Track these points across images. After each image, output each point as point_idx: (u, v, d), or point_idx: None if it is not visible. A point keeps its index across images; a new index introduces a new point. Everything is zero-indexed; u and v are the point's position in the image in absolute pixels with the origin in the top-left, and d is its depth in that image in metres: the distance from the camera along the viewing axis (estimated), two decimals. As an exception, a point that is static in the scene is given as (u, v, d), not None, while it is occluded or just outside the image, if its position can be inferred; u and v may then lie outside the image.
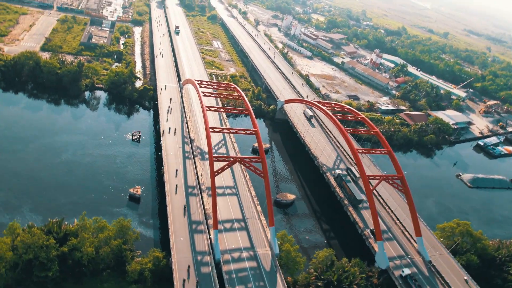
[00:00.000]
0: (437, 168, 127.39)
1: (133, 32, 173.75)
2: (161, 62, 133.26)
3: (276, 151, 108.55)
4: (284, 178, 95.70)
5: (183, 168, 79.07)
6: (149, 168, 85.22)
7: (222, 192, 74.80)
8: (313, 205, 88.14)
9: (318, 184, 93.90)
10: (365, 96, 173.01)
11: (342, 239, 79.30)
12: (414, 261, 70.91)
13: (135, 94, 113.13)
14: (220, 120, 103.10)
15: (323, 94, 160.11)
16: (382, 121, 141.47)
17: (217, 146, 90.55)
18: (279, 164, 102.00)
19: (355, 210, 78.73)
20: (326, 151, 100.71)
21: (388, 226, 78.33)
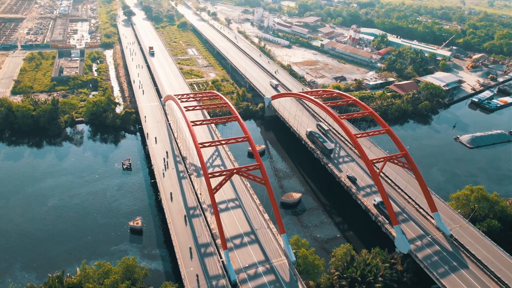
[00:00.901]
0: (436, 134, 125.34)
1: (104, 56, 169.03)
2: (138, 82, 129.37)
3: (272, 150, 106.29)
4: (286, 176, 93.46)
5: (180, 189, 75.96)
6: (146, 195, 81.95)
7: (225, 207, 71.82)
8: (321, 199, 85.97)
9: (322, 175, 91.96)
10: (351, 75, 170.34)
11: (357, 229, 77.09)
12: (435, 238, 68.61)
13: (118, 121, 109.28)
14: (209, 132, 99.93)
15: (308, 81, 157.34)
16: (373, 98, 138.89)
17: (211, 159, 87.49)
18: (278, 163, 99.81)
19: (354, 185, 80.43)
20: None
21: (401, 207, 75.95)
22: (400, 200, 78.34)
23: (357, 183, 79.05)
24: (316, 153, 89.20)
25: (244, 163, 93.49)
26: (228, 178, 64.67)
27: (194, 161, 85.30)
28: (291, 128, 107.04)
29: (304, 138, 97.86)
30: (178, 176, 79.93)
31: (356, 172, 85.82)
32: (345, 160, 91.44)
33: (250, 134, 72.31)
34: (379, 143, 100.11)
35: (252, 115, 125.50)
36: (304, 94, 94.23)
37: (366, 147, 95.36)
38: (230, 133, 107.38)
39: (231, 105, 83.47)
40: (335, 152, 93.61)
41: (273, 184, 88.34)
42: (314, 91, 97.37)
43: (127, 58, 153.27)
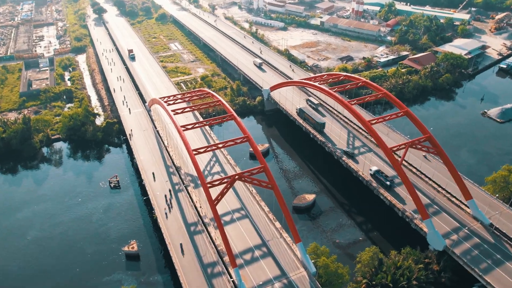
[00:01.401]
0: (462, 110, 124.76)
1: (77, 62, 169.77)
2: (117, 88, 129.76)
3: (278, 149, 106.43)
4: (296, 177, 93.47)
5: (177, 204, 76.00)
6: (139, 215, 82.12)
7: (230, 219, 71.77)
8: (337, 197, 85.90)
9: (336, 170, 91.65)
10: (359, 53, 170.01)
11: (382, 228, 76.75)
12: (472, 230, 68.15)
13: (99, 134, 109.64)
14: (204, 135, 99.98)
15: (311, 66, 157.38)
16: (386, 76, 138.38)
17: (208, 166, 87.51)
18: (285, 162, 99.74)
19: (352, 159, 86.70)
20: (335, 131, 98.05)
21: (431, 198, 75.58)
22: (429, 190, 77.96)
23: (380, 175, 79.57)
24: (309, 130, 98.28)
25: (246, 166, 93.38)
26: (229, 186, 64.54)
27: (190, 170, 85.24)
28: (296, 121, 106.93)
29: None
30: (174, 190, 79.94)
31: (376, 163, 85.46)
32: (361, 151, 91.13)
33: (250, 133, 72.16)
34: (398, 128, 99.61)
35: (250, 111, 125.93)
36: (306, 81, 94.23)
37: (384, 134, 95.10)
38: (227, 134, 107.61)
39: (225, 102, 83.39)
40: (350, 144, 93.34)
41: (282, 187, 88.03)
42: (317, 77, 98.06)
43: (102, 62, 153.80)
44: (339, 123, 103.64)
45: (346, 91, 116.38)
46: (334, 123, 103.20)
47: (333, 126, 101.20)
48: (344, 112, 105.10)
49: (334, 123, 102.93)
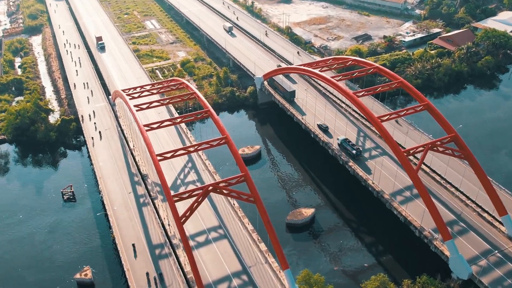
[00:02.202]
0: (504, 102, 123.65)
1: (30, 45, 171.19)
2: (76, 77, 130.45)
3: (272, 151, 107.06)
4: (293, 187, 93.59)
5: (141, 220, 76.25)
6: (96, 234, 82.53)
7: (205, 240, 71.82)
8: (343, 213, 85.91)
9: (342, 181, 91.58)
10: (379, 30, 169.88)
11: (394, 250, 76.35)
12: (507, 253, 67.33)
13: (53, 134, 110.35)
14: (178, 134, 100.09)
15: (318, 47, 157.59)
16: (411, 59, 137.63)
17: (182, 173, 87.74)
18: (281, 168, 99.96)
19: (326, 134, 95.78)
20: (341, 129, 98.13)
21: (456, 213, 74.96)
22: (454, 202, 77.31)
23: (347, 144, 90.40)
24: (278, 100, 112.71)
25: (230, 174, 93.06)
26: (201, 200, 64.47)
27: (158, 179, 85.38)
28: (294, 116, 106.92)
29: (314, 131, 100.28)
30: (137, 203, 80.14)
31: (389, 170, 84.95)
32: (372, 154, 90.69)
33: (239, 131, 72.39)
34: (425, 125, 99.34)
35: (240, 104, 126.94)
36: (305, 67, 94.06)
37: (403, 133, 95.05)
38: (211, 133, 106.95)
39: (200, 95, 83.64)
40: (360, 144, 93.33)
41: (275, 199, 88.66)
42: (320, 62, 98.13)
43: (60, 45, 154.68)
44: (347, 118, 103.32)
45: (356, 80, 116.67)
46: (340, 117, 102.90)
47: (339, 122, 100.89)
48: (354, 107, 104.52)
49: (340, 118, 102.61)
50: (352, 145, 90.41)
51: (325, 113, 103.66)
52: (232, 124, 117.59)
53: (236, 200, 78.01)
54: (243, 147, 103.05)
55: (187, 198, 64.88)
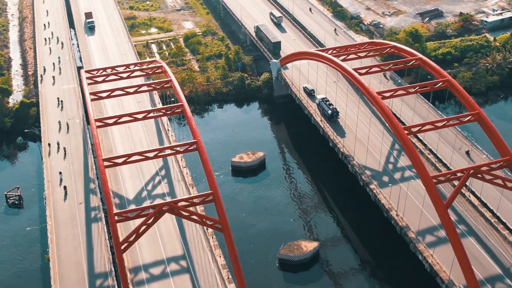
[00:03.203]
0: None
1: (5, 4, 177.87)
2: (45, 47, 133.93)
3: (281, 161, 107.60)
4: (297, 211, 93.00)
5: (87, 240, 77.18)
6: (33, 251, 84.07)
7: (161, 272, 71.67)
8: (356, 252, 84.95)
9: (361, 209, 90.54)
10: (455, 5, 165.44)
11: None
12: None
13: (8, 121, 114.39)
14: (158, 131, 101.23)
15: (368, 24, 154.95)
16: (489, 47, 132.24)
17: (151, 182, 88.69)
18: (287, 185, 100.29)
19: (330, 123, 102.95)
20: (373, 143, 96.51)
21: (505, 266, 71.27)
22: (505, 250, 73.67)
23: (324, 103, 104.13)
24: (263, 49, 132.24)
25: (227, 187, 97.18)
26: (152, 222, 64.53)
27: (121, 188, 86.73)
28: (312, 118, 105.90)
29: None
30: (87, 217, 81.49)
31: (420, 196, 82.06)
32: (400, 175, 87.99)
33: (243, 130, 74.65)
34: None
35: (251, 96, 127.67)
36: (322, 53, 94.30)
37: (453, 149, 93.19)
38: (205, 131, 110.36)
39: (176, 84, 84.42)
40: (390, 160, 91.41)
41: (269, 225, 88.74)
42: (352, 47, 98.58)
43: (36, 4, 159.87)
44: (383, 126, 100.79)
45: (400, 74, 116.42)
46: (375, 127, 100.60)
47: (372, 134, 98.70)
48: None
49: (375, 128, 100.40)
50: (329, 105, 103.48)
51: (357, 117, 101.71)
52: (234, 122, 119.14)
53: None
54: (241, 153, 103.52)
55: (133, 218, 65.24)
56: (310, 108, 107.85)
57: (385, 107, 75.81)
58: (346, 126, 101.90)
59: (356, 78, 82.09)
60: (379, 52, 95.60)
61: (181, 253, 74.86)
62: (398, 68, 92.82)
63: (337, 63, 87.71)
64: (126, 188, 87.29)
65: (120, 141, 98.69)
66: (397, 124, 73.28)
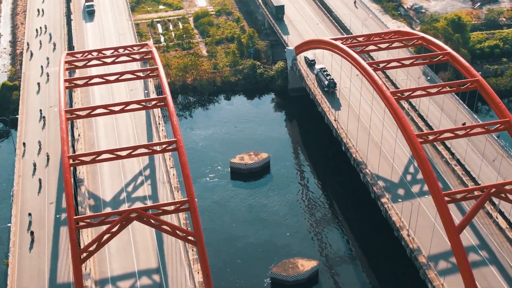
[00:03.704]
0: None
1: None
2: (37, 20, 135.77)
3: (288, 165, 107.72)
4: (298, 225, 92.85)
5: (53, 246, 77.79)
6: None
7: (130, 287, 72.19)
8: (360, 273, 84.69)
9: (371, 225, 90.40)
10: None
11: None
12: None
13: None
14: (148, 125, 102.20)
15: (408, 8, 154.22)
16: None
17: (133, 183, 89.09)
18: (291, 192, 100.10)
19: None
20: (391, 148, 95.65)
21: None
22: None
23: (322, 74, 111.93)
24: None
25: (215, 193, 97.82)
26: (117, 230, 64.79)
27: (98, 187, 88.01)
28: (326, 116, 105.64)
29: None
30: (56, 219, 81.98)
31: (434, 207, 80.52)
32: (415, 190, 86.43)
33: (249, 126, 78.50)
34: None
35: (263, 87, 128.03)
36: (335, 42, 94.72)
37: (485, 161, 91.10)
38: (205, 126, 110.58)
39: (162, 74, 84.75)
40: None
41: (264, 239, 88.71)
42: (375, 36, 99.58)
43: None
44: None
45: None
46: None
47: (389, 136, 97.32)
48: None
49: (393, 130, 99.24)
50: (327, 75, 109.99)
51: (381, 119, 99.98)
52: (240, 116, 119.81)
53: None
54: (242, 154, 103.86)
55: (96, 225, 65.66)
56: (324, 105, 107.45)
57: (398, 109, 75.02)
58: (364, 128, 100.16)
59: (369, 74, 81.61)
60: (404, 44, 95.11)
61: (155, 266, 74.66)
62: (423, 64, 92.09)
63: (350, 54, 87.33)
64: (104, 188, 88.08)
65: (104, 134, 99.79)
66: (409, 130, 72.58)
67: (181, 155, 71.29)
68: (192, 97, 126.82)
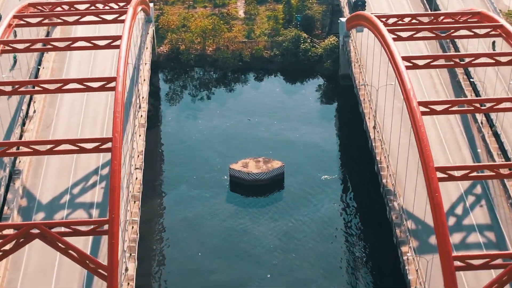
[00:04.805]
0: None
1: None
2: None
3: (304, 178, 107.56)
4: (280, 263, 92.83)
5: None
6: None
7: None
8: None
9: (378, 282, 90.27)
10: None
11: None
12: None
13: None
14: (128, 102, 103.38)
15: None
16: None
17: (83, 183, 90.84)
18: (290, 219, 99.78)
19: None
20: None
21: None
22: None
23: None
24: None
25: (203, 207, 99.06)
26: (12, 248, 65.67)
27: (37, 184, 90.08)
28: (364, 120, 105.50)
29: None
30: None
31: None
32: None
33: (269, 121, 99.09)
34: None
35: (308, 69, 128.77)
36: (377, 20, 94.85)
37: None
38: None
39: (124, 45, 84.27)
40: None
41: (234, 274, 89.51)
42: (445, 16, 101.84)
43: None
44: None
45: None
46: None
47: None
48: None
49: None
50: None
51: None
52: (263, 106, 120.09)
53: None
54: (249, 159, 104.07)
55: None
56: (367, 104, 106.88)
57: (420, 128, 72.69)
58: (411, 145, 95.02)
59: (400, 72, 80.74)
60: (474, 33, 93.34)
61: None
62: (484, 65, 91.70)
63: (386, 41, 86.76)
64: (45, 186, 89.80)
65: (68, 112, 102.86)
66: (428, 159, 70.59)
67: (114, 158, 71.05)
68: (210, 73, 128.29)
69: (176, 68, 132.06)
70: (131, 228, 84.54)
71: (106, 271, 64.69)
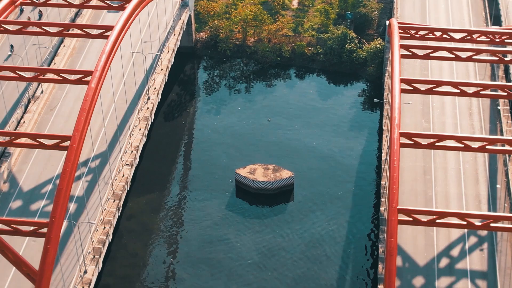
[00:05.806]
0: None
1: None
2: None
3: (316, 192, 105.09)
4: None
5: None
6: None
7: None
8: None
9: None
10: None
11: None
12: None
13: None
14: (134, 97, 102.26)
15: None
16: None
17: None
18: (291, 237, 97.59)
19: None
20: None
21: None
22: None
23: None
24: None
25: (222, 207, 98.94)
26: None
27: (23, 171, 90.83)
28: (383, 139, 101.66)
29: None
30: None
31: None
32: None
33: (295, 125, 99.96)
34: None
35: (351, 72, 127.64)
36: (395, 32, 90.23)
37: None
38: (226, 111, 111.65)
39: (113, 36, 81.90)
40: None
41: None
42: (481, 34, 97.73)
43: None
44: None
45: None
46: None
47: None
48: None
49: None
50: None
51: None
52: (289, 107, 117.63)
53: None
54: (258, 164, 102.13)
55: None
56: (386, 121, 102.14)
57: (394, 162, 70.43)
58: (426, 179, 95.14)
59: (392, 95, 78.46)
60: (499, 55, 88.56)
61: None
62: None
63: (392, 56, 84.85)
64: (30, 172, 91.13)
65: (75, 96, 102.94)
66: (392, 203, 66.85)
67: (68, 159, 69.35)
68: (247, 66, 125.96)
69: (214, 57, 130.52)
70: (102, 228, 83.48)
71: (37, 277, 63.84)
